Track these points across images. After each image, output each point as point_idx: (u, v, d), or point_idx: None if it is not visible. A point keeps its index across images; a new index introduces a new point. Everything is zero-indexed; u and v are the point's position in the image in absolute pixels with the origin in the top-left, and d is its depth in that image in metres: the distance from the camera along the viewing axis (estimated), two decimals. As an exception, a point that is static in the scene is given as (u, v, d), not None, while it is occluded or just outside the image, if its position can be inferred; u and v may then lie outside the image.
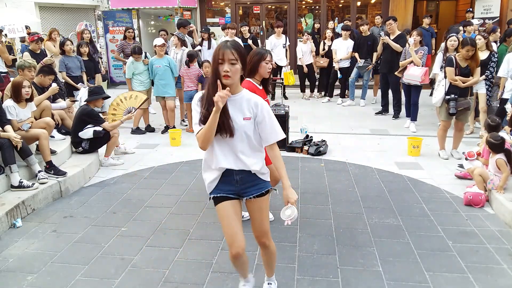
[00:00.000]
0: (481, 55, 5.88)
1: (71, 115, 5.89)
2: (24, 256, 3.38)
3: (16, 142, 4.24)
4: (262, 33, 12.82)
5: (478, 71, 5.26)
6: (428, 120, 7.51)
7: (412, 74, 6.74)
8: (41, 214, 4.14)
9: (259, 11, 13.00)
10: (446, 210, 4.08)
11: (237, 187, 2.41)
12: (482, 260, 3.22)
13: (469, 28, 7.94)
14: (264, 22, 13.00)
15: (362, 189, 4.61)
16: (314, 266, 3.17)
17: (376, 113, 8.17)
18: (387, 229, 3.71)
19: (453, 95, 5.18)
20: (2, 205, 3.92)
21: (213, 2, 13.37)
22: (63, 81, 6.77)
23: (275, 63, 9.45)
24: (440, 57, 6.39)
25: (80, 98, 6.19)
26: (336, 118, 7.96)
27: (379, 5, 12.54)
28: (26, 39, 8.99)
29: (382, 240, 3.53)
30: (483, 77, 6.06)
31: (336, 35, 9.69)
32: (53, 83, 5.76)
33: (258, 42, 9.79)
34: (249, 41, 9.31)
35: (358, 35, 8.94)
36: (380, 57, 8.20)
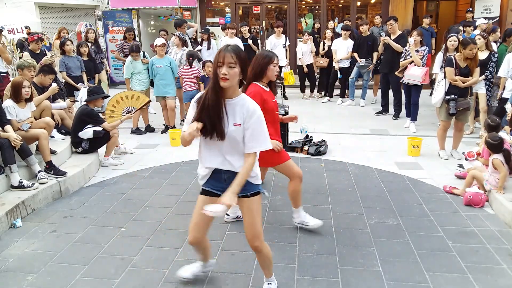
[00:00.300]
0: (481, 55, 5.88)
1: (71, 115, 5.89)
2: (24, 256, 3.37)
3: (15, 144, 4.24)
4: (262, 33, 12.82)
5: (477, 71, 5.26)
6: (428, 120, 7.51)
7: (413, 74, 6.74)
8: (41, 214, 4.14)
9: (259, 11, 13.00)
10: (446, 210, 4.08)
11: (225, 185, 2.43)
12: (482, 260, 3.22)
13: (469, 28, 7.94)
14: (264, 22, 13.00)
15: (362, 189, 4.61)
16: (314, 266, 3.17)
17: (376, 113, 8.17)
18: (387, 229, 3.71)
19: (453, 95, 5.18)
20: (2, 205, 3.92)
21: (213, 2, 13.37)
22: (63, 81, 6.78)
23: (275, 63, 9.47)
24: (440, 57, 6.39)
25: (80, 98, 6.19)
26: (336, 118, 7.96)
27: (379, 5, 12.54)
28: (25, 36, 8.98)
29: (382, 240, 3.53)
30: (483, 77, 6.06)
31: (336, 35, 9.69)
32: (53, 83, 5.76)
33: (258, 42, 9.78)
34: (249, 41, 9.31)
35: (358, 35, 8.94)
36: (381, 57, 8.21)
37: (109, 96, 6.02)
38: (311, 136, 6.16)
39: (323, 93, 9.95)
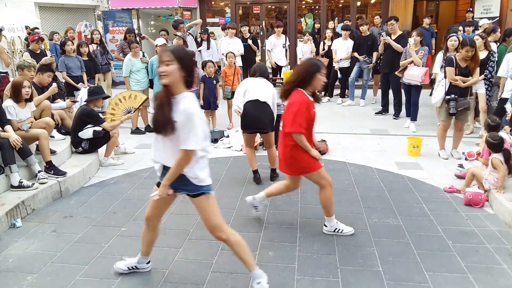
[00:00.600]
0: (480, 55, 5.87)
1: (71, 115, 5.89)
2: (24, 256, 3.38)
3: (15, 145, 4.24)
4: (262, 33, 12.81)
5: (477, 71, 5.26)
6: (428, 120, 7.51)
7: (412, 74, 6.74)
8: (41, 214, 4.14)
9: (259, 11, 12.99)
10: (446, 210, 4.08)
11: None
12: (482, 260, 3.22)
13: (469, 28, 7.94)
14: (264, 22, 13.00)
15: (362, 189, 4.61)
16: (314, 266, 3.17)
17: (376, 113, 8.16)
18: (387, 229, 3.71)
19: (453, 95, 5.18)
20: (2, 205, 3.92)
21: (213, 2, 13.37)
22: (63, 81, 6.78)
23: (275, 63, 9.48)
24: (440, 57, 6.39)
25: (80, 98, 6.19)
26: (336, 118, 7.95)
27: (379, 5, 12.53)
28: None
29: (382, 240, 3.53)
30: (482, 76, 6.06)
31: (336, 35, 9.69)
32: (53, 83, 5.76)
33: (258, 42, 9.78)
34: (249, 41, 9.30)
35: (358, 35, 8.94)
36: (381, 57, 8.21)
37: (110, 97, 6.01)
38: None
39: (323, 93, 9.95)
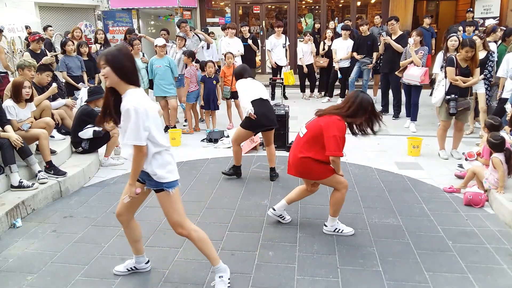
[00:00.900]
0: (479, 55, 5.88)
1: (72, 114, 5.89)
2: (24, 256, 3.38)
3: (16, 144, 4.24)
4: (262, 33, 12.82)
5: (477, 72, 5.26)
6: (428, 120, 7.51)
7: (412, 74, 6.73)
8: (41, 214, 4.14)
9: (259, 11, 13.00)
10: (446, 210, 4.08)
11: (142, 174, 2.68)
12: (482, 260, 3.22)
13: (470, 28, 7.94)
14: (264, 22, 13.00)
15: (362, 189, 4.62)
16: (314, 266, 3.17)
17: (376, 113, 8.15)
18: (387, 229, 3.71)
19: (453, 95, 5.18)
20: (2, 205, 3.92)
21: (213, 2, 13.38)
22: (63, 81, 6.77)
23: (275, 63, 9.49)
24: (440, 57, 6.38)
25: (81, 98, 6.19)
26: (336, 118, 7.93)
27: (379, 5, 12.54)
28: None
29: (382, 240, 3.53)
30: (482, 76, 6.06)
31: (336, 35, 9.69)
32: (53, 83, 5.75)
33: (258, 42, 9.78)
34: (249, 41, 9.30)
35: (358, 35, 8.94)
36: (381, 57, 8.20)
37: None
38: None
39: (323, 93, 9.95)
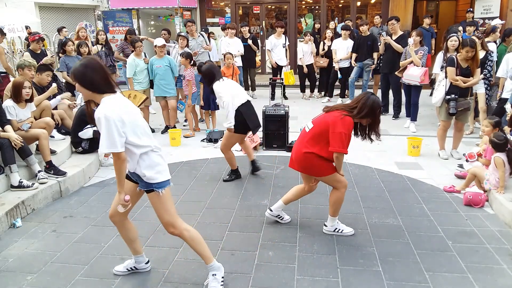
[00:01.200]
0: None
1: (72, 114, 5.89)
2: (24, 256, 3.38)
3: (16, 144, 4.24)
4: (262, 33, 12.82)
5: (478, 72, 5.26)
6: (428, 120, 7.51)
7: (411, 74, 6.73)
8: (41, 214, 4.14)
9: (259, 11, 13.00)
10: (446, 210, 4.08)
11: (134, 175, 2.76)
12: (482, 260, 3.22)
13: (470, 28, 7.94)
14: (264, 22, 13.00)
15: (362, 189, 4.62)
16: (314, 266, 3.17)
17: (376, 113, 8.14)
18: (387, 229, 3.71)
19: (453, 95, 5.18)
20: (2, 205, 3.92)
21: (213, 2, 13.37)
22: (63, 80, 6.77)
23: (275, 63, 9.49)
24: (440, 57, 6.38)
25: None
26: (336, 118, 7.93)
27: (379, 5, 12.53)
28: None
29: (382, 240, 3.53)
30: (482, 76, 6.05)
31: (336, 35, 9.69)
32: (53, 83, 5.75)
33: (258, 42, 9.79)
34: (249, 41, 9.31)
35: (358, 35, 8.94)
36: (381, 57, 8.20)
37: None
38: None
39: (323, 93, 9.95)
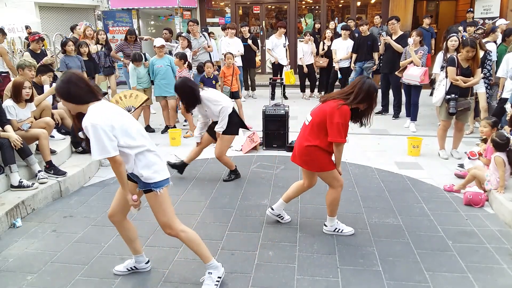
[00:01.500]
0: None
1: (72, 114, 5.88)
2: (24, 256, 3.38)
3: (16, 144, 4.24)
4: (262, 33, 12.82)
5: (479, 72, 5.25)
6: (428, 120, 7.51)
7: (411, 74, 6.73)
8: (41, 214, 4.14)
9: (259, 11, 13.00)
10: (446, 210, 4.08)
11: (131, 175, 2.77)
12: (482, 260, 3.22)
13: (470, 28, 7.94)
14: (264, 22, 13.00)
15: (362, 189, 4.62)
16: (314, 266, 3.17)
17: (376, 113, 8.14)
18: (387, 229, 3.71)
19: (453, 95, 5.18)
20: (2, 205, 3.92)
21: (213, 2, 13.37)
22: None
23: (277, 61, 9.48)
24: (440, 57, 6.38)
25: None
26: (336, 118, 7.93)
27: (379, 5, 12.53)
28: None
29: (382, 240, 3.53)
30: (481, 75, 6.05)
31: (336, 35, 9.69)
32: (53, 83, 5.75)
33: (258, 42, 9.78)
34: (249, 41, 9.31)
35: (358, 35, 8.93)
36: (381, 57, 8.20)
37: (107, 93, 6.01)
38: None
39: (323, 93, 9.94)
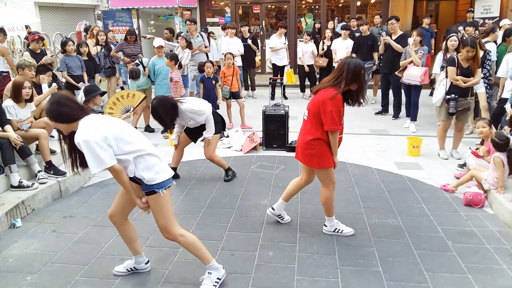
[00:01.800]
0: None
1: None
2: (24, 256, 3.38)
3: (16, 144, 4.24)
4: (262, 33, 12.82)
5: (479, 72, 5.25)
6: (428, 120, 7.51)
7: (412, 74, 6.73)
8: (41, 214, 4.14)
9: (259, 11, 13.00)
10: (445, 210, 4.09)
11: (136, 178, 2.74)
12: (481, 260, 3.23)
13: (470, 28, 7.94)
14: (264, 22, 13.00)
15: (362, 189, 4.62)
16: (314, 266, 3.17)
17: (376, 113, 8.16)
18: (387, 229, 3.71)
19: (453, 95, 5.18)
20: (2, 205, 3.92)
21: (213, 2, 13.37)
22: (63, 80, 6.77)
23: (275, 64, 9.49)
24: (440, 57, 6.38)
25: (81, 98, 6.18)
26: (336, 118, 7.93)
27: (379, 5, 12.54)
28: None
29: (382, 240, 3.53)
30: (481, 75, 6.04)
31: (336, 35, 9.68)
32: (53, 83, 5.75)
33: (258, 42, 9.78)
34: (249, 41, 9.31)
35: (358, 35, 8.92)
36: (381, 57, 8.20)
37: (106, 92, 6.01)
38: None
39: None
